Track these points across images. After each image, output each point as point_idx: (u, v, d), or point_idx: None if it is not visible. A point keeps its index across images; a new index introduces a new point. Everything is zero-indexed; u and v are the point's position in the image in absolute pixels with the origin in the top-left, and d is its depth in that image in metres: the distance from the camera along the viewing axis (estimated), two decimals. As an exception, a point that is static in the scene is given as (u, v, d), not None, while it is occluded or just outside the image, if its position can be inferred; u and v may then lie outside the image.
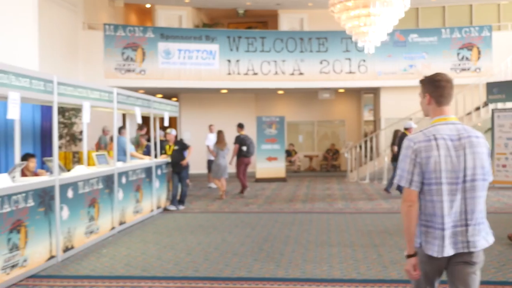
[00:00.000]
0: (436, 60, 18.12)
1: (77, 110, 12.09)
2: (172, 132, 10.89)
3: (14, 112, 5.57)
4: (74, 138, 12.47)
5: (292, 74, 18.26)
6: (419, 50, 18.25)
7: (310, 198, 12.43)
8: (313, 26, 19.63)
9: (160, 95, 21.59)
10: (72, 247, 6.73)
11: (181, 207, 10.87)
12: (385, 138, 18.46)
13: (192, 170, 18.27)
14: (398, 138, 12.23)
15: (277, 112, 20.94)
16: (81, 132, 12.47)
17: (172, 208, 10.63)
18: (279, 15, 20.61)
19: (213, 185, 14.82)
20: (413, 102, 18.80)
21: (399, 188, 11.76)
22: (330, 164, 20.95)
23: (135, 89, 18.14)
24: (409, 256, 2.97)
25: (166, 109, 11.02)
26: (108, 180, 7.85)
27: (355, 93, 21.10)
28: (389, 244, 7.10)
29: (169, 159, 10.95)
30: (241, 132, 13.55)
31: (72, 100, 6.94)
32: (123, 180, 8.44)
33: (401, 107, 18.38)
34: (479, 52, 18.00)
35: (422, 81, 3.12)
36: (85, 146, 8.42)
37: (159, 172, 10.34)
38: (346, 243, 7.25)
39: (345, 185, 15.16)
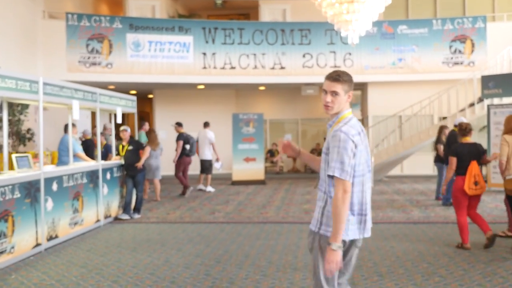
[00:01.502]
0: (427, 53, 16.87)
1: (24, 106, 10.70)
2: (126, 129, 9.53)
3: None
4: (21, 138, 11.06)
5: (273, 68, 16.96)
6: (409, 43, 16.99)
7: (286, 203, 11.12)
8: (297, 18, 18.31)
9: (133, 91, 20.27)
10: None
11: (136, 216, 9.53)
12: (372, 137, 17.19)
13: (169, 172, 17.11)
14: (447, 136, 10.31)
15: (259, 109, 19.61)
16: (28, 131, 11.09)
17: (125, 217, 9.28)
18: (260, 6, 19.30)
19: (209, 188, 13.68)
20: (402, 98, 17.63)
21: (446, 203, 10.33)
22: (315, 164, 19.61)
23: (102, 84, 16.73)
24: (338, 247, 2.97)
25: (119, 104, 9.65)
26: (30, 188, 6.50)
27: (341, 89, 19.75)
28: (367, 266, 5.81)
29: (122, 161, 9.60)
30: (181, 131, 13.08)
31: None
32: (54, 187, 7.09)
33: (390, 103, 17.13)
34: (472, 45, 16.76)
35: (350, 80, 3.16)
36: (41, 146, 6.96)
37: (108, 176, 8.99)
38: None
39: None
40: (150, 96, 20.45)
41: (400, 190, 13.34)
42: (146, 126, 12.80)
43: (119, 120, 9.55)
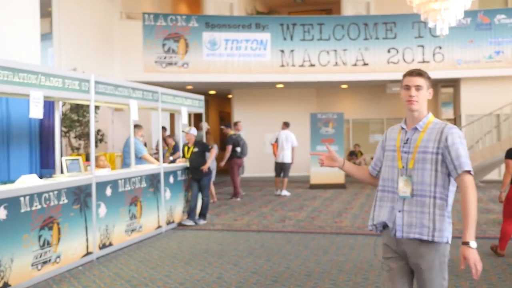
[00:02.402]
0: (529, 45, 15.13)
1: (95, 107, 10.49)
2: (191, 131, 9.03)
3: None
4: (95, 139, 10.85)
5: (355, 65, 15.92)
6: (508, 34, 15.31)
7: (365, 211, 10.16)
8: (381, 11, 17.12)
9: (212, 91, 20.00)
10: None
11: (202, 222, 8.99)
12: (465, 138, 15.65)
13: (255, 173, 16.68)
14: None
15: (341, 108, 18.60)
16: (98, 132, 10.91)
17: (189, 223, 8.77)
18: (342, 0, 18.27)
19: (284, 192, 13.04)
20: (500, 95, 15.94)
21: None
22: (401, 167, 18.31)
23: (178, 84, 16.55)
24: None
25: (184, 104, 9.16)
26: (80, 193, 6.10)
27: (432, 86, 18.28)
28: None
29: (187, 164, 9.11)
30: (230, 133, 12.54)
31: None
32: (107, 191, 6.67)
33: (486, 101, 15.48)
34: None
35: (430, 77, 3.10)
36: (93, 148, 6.57)
37: (171, 179, 8.51)
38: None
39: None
40: (230, 96, 20.06)
41: (496, 197, 11.90)
42: (203, 125, 11.71)
43: (185, 121, 9.05)
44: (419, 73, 3.04)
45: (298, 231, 8.18)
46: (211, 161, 9.10)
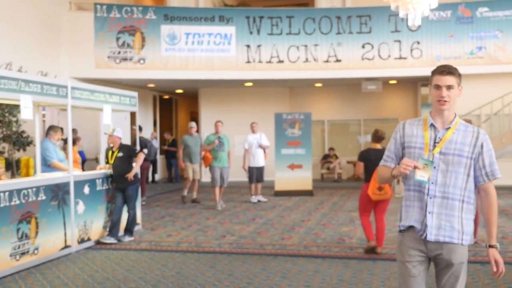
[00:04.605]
0: (514, 40, 13.96)
1: (14, 106, 9.21)
2: (115, 133, 7.76)
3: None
4: (15, 142, 9.59)
5: (327, 61, 14.72)
6: (491, 28, 14.15)
7: (322, 224, 8.94)
8: (358, 3, 15.87)
9: (180, 90, 18.75)
10: None
11: (128, 239, 7.73)
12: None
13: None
14: None
15: (316, 109, 17.44)
16: (22, 134, 9.62)
17: (109, 240, 7.49)
18: (317, -8, 17.04)
19: (260, 198, 11.95)
20: (482, 94, 14.72)
21: None
22: (379, 171, 17.11)
23: (134, 82, 15.32)
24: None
25: (107, 101, 7.87)
26: None
27: (410, 85, 17.15)
28: None
29: (110, 171, 7.85)
30: (140, 135, 10.88)
31: None
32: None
33: (468, 100, 14.19)
34: None
35: (460, 74, 2.98)
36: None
37: (86, 189, 7.24)
38: None
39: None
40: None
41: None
42: (136, 128, 10.18)
43: (107, 121, 7.77)
44: (450, 71, 2.93)
45: (232, 251, 6.93)
46: (137, 168, 7.84)
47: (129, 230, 7.81)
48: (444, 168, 2.87)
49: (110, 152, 7.89)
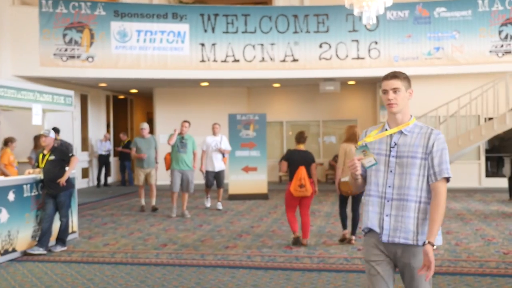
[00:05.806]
0: (471, 41, 13.86)
1: None
2: (48, 133, 7.17)
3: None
4: None
5: (284, 61, 14.35)
6: (449, 28, 14.01)
7: (272, 230, 8.52)
8: (316, 2, 15.53)
9: (134, 90, 18.13)
10: None
11: (60, 249, 7.16)
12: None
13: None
14: None
15: (274, 110, 17.10)
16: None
17: (37, 251, 6.89)
18: (275, -10, 16.66)
19: (218, 206, 11.20)
20: (440, 95, 14.49)
21: None
22: (338, 174, 16.82)
23: (82, 80, 14.66)
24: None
25: (37, 100, 7.28)
26: None
27: (369, 86, 16.92)
28: None
29: (41, 175, 7.26)
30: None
31: None
32: None
33: (425, 101, 14.01)
34: (529, 29, 13.64)
35: (408, 78, 3.03)
36: None
37: (10, 196, 6.64)
38: None
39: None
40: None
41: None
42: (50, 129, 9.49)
43: (36, 121, 7.18)
44: (394, 75, 3.00)
45: (168, 263, 6.43)
46: (70, 172, 7.27)
47: (61, 240, 7.24)
48: (399, 171, 2.91)
49: (41, 155, 7.30)
